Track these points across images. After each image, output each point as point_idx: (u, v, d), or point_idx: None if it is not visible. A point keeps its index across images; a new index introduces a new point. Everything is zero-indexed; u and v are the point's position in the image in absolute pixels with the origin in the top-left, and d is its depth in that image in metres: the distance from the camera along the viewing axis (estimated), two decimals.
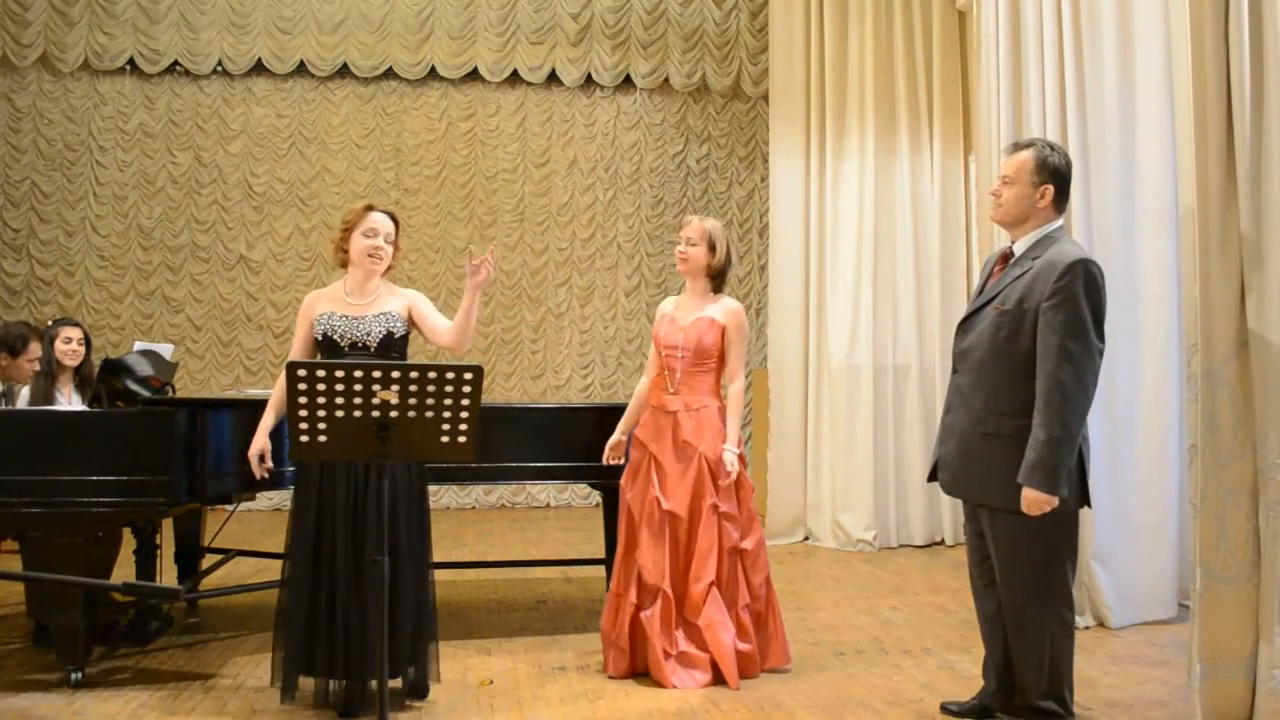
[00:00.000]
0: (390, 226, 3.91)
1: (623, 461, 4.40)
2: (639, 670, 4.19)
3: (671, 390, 4.24)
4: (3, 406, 4.84)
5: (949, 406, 3.57)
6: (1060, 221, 3.47)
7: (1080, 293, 3.23)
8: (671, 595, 4.12)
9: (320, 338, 3.83)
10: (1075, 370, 3.21)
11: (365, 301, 3.87)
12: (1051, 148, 3.46)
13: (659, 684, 4.07)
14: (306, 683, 3.81)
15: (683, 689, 4.04)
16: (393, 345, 3.84)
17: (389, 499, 3.54)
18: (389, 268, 3.96)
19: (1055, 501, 3.22)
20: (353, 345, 3.80)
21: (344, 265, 3.94)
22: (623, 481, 4.32)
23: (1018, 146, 3.51)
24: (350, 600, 3.66)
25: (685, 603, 4.15)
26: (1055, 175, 3.41)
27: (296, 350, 3.92)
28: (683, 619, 4.15)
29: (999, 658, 3.57)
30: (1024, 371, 3.30)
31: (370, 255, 3.84)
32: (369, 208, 3.92)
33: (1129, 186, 5.15)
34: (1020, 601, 3.39)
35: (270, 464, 3.89)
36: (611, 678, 4.17)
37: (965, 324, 3.55)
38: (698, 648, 4.14)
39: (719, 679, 4.11)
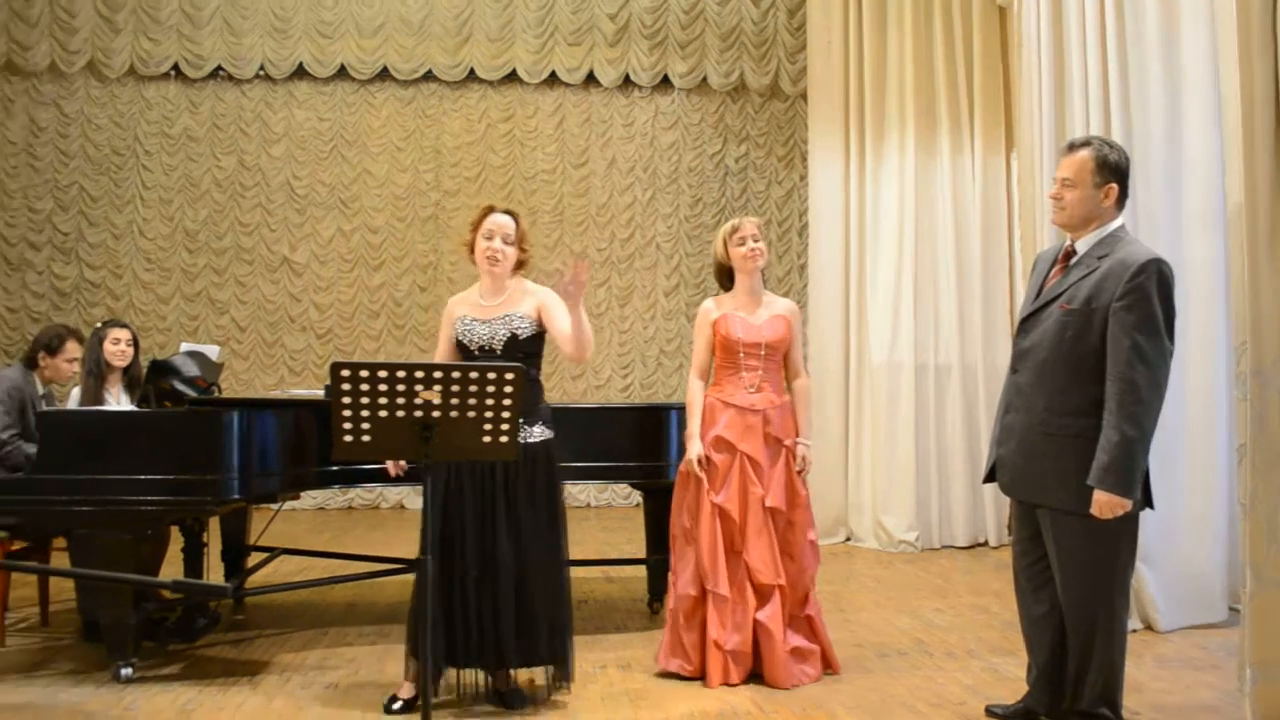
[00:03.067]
0: (510, 227, 3.88)
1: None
2: (753, 674, 4.16)
3: (754, 389, 4.23)
4: (44, 408, 4.91)
5: (1008, 406, 3.51)
6: (1121, 219, 3.40)
7: (1153, 293, 3.17)
8: (786, 590, 4.14)
9: (457, 342, 3.88)
10: (1149, 371, 3.15)
11: (496, 303, 3.89)
12: (1109, 145, 3.40)
13: (776, 685, 4.04)
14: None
15: (799, 686, 4.06)
16: (518, 347, 3.83)
17: (520, 492, 3.74)
18: (520, 264, 3.94)
19: (1129, 505, 3.17)
20: (480, 349, 3.82)
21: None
22: (708, 486, 4.18)
23: (1074, 146, 3.43)
24: (482, 591, 3.70)
25: (790, 596, 4.18)
26: (1116, 173, 3.35)
27: (439, 355, 3.96)
28: (789, 613, 4.18)
29: (1045, 661, 3.52)
30: (1090, 372, 3.25)
31: (489, 258, 3.85)
32: (489, 209, 3.91)
33: (1175, 182, 5.07)
34: (1081, 605, 3.33)
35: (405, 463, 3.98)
36: (734, 686, 4.06)
37: (1026, 323, 3.48)
38: (806, 639, 4.19)
39: (820, 672, 4.20)
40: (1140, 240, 3.54)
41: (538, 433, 3.84)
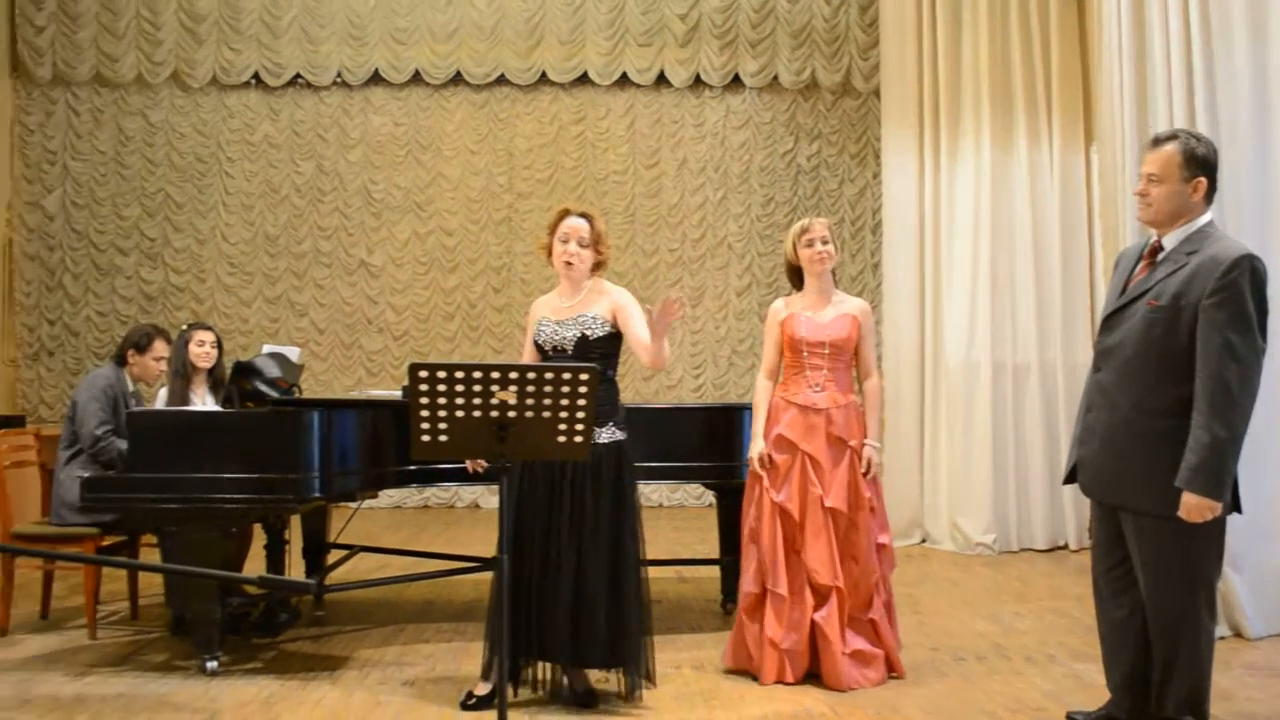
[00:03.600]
0: (585, 229, 3.90)
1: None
2: (811, 674, 4.16)
3: (818, 388, 4.22)
4: (135, 407, 5.06)
5: (1089, 405, 3.42)
6: (1210, 214, 3.30)
7: (1246, 289, 3.08)
8: (845, 592, 4.12)
9: (535, 343, 3.94)
10: (1240, 370, 3.06)
11: (571, 304, 3.93)
12: (1196, 138, 3.30)
13: (833, 687, 4.03)
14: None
15: (857, 689, 4.02)
16: (589, 347, 3.85)
17: (587, 491, 3.76)
18: (599, 265, 3.97)
19: (1219, 508, 3.08)
20: (554, 349, 3.87)
21: None
22: (766, 484, 4.22)
23: (1159, 140, 3.34)
24: (557, 591, 3.74)
25: (850, 599, 4.15)
26: (1205, 166, 3.25)
27: (525, 356, 4.02)
28: (849, 615, 4.15)
29: (1128, 667, 3.43)
30: (1177, 370, 3.16)
31: (565, 262, 3.89)
32: (564, 212, 3.95)
33: (1265, 178, 4.92)
34: (1167, 610, 3.24)
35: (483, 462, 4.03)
36: (790, 684, 4.08)
37: (1110, 320, 3.40)
38: (869, 643, 4.15)
39: (884, 675, 4.15)
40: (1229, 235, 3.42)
41: (608, 434, 3.86)
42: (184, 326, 5.29)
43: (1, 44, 9.05)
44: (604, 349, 3.90)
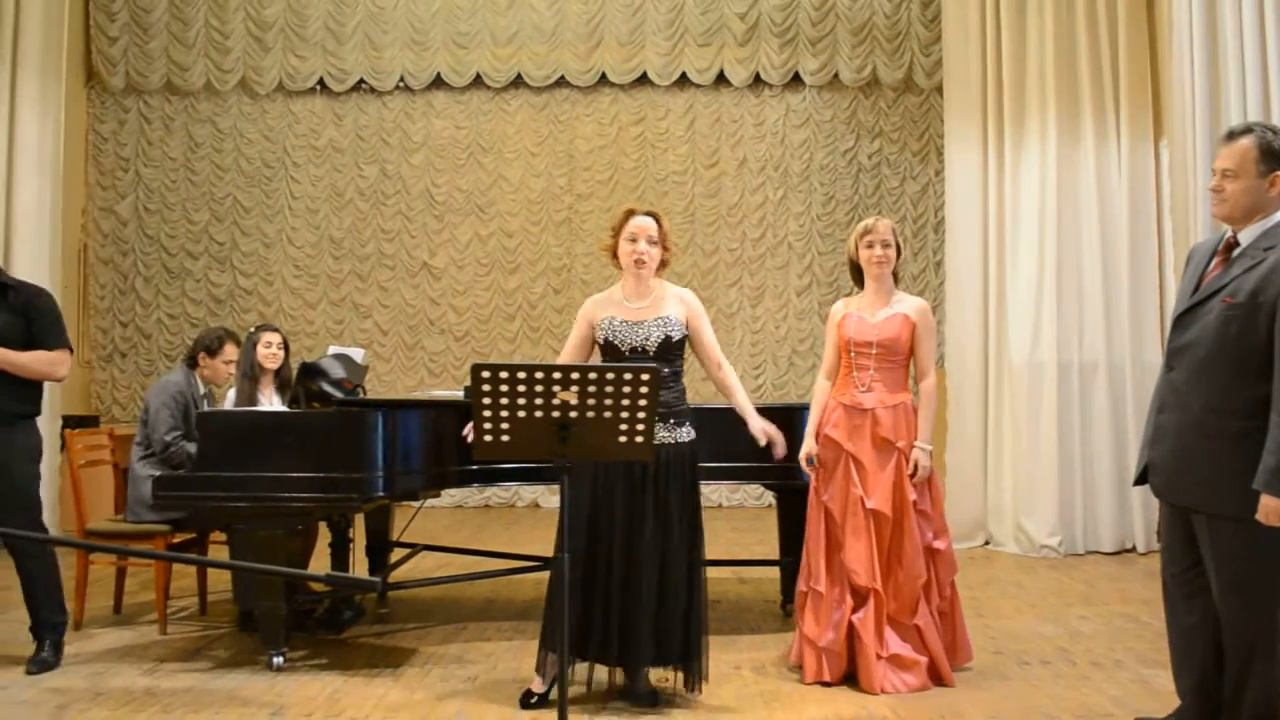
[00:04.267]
0: (652, 228, 3.92)
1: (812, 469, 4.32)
2: (849, 675, 4.13)
3: (864, 388, 4.19)
4: (206, 408, 5.16)
5: (1161, 405, 3.34)
6: None
7: None
8: (883, 595, 4.08)
9: (603, 343, 3.94)
10: None
11: (643, 305, 3.94)
12: (1273, 130, 3.20)
13: (866, 689, 3.99)
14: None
15: (892, 693, 3.98)
16: (670, 349, 3.90)
17: (671, 490, 3.80)
18: (663, 264, 4.00)
19: None
20: (633, 350, 3.88)
21: (620, 269, 4.02)
22: (816, 483, 4.25)
23: (1233, 134, 3.25)
24: (626, 590, 3.76)
25: (893, 602, 4.10)
26: None
27: (567, 353, 4.04)
28: (889, 619, 4.10)
29: (1197, 673, 3.34)
30: (1254, 370, 3.07)
31: (636, 261, 3.90)
32: (630, 212, 3.97)
33: None
34: (1241, 617, 3.15)
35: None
36: (827, 684, 4.08)
37: (1184, 318, 3.31)
38: (914, 649, 4.09)
39: (925, 682, 4.07)
40: None
41: (685, 433, 3.90)
42: (251, 329, 5.38)
43: (76, 54, 9.29)
44: (681, 351, 3.95)
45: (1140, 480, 3.47)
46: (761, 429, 4.01)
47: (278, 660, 4.32)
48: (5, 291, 4.32)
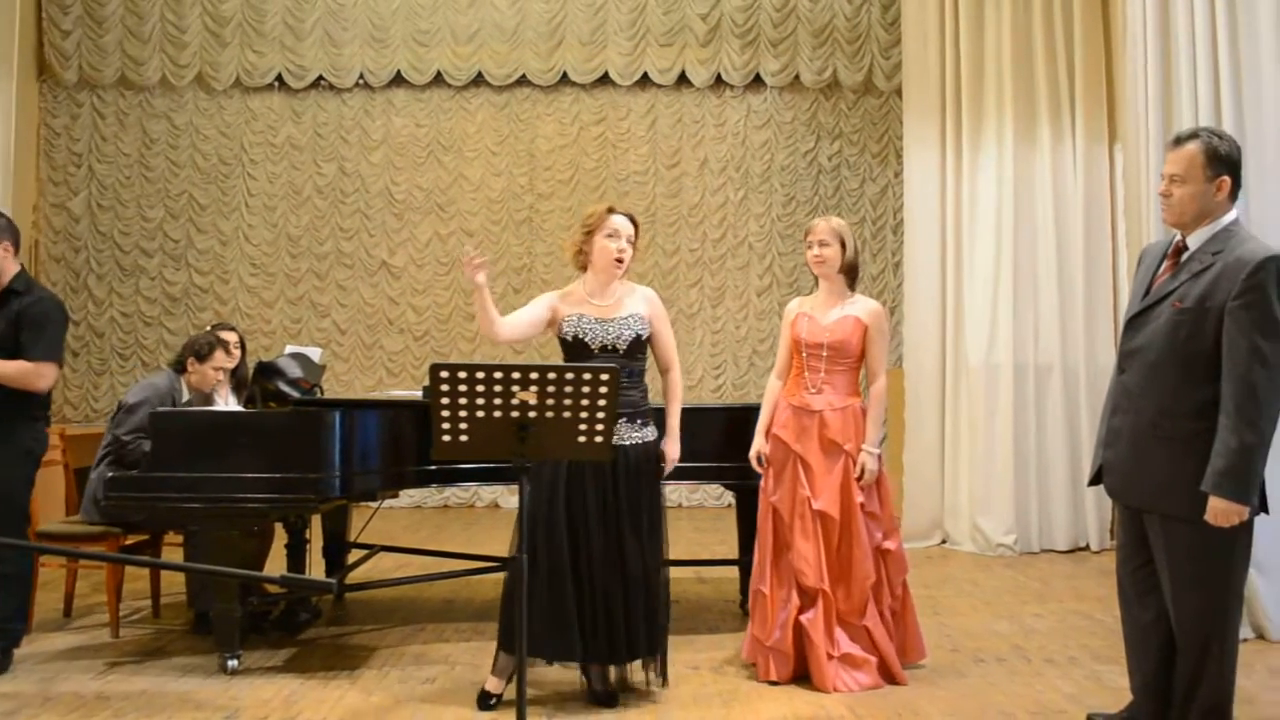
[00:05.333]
0: (630, 228, 3.93)
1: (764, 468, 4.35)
2: (799, 674, 4.15)
3: (814, 389, 4.21)
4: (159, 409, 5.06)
5: (1114, 408, 3.40)
6: (1235, 213, 3.26)
7: (1273, 291, 3.04)
8: (831, 595, 4.10)
9: (570, 339, 3.91)
10: (1268, 373, 3.03)
11: (610, 303, 3.94)
12: (1218, 136, 3.25)
13: (820, 688, 4.02)
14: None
15: (845, 692, 4.00)
16: (639, 348, 3.91)
17: (640, 489, 3.81)
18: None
19: (1245, 512, 3.05)
20: (603, 348, 3.86)
21: (583, 268, 3.99)
22: (765, 483, 4.28)
23: (1180, 140, 3.29)
24: (590, 588, 3.76)
25: (843, 603, 4.13)
26: (1228, 164, 3.21)
27: (513, 317, 3.93)
28: (839, 619, 4.12)
29: (1150, 669, 3.40)
30: (1203, 373, 3.13)
31: (617, 260, 3.89)
32: (610, 210, 3.96)
33: None
34: (1193, 614, 3.20)
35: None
36: (775, 683, 4.10)
37: (1135, 322, 3.36)
38: (863, 649, 4.11)
39: (878, 681, 4.10)
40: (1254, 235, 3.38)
41: (649, 433, 3.92)
42: (207, 328, 5.31)
43: (28, 47, 9.12)
44: (645, 350, 3.96)
45: (1094, 481, 3.52)
46: (673, 457, 3.96)
47: (232, 663, 4.27)
48: (9, 298, 4.24)
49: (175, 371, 5.12)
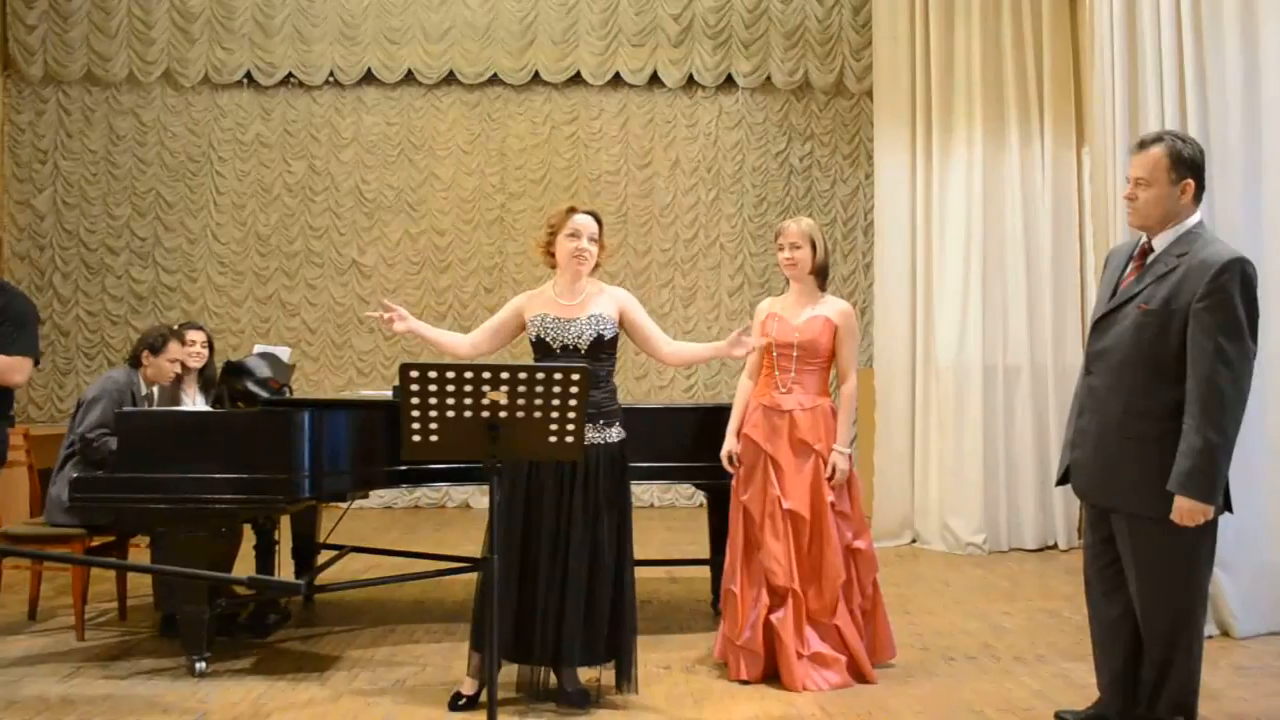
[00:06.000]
0: (594, 227, 3.92)
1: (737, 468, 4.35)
2: (770, 673, 4.15)
3: (784, 389, 4.22)
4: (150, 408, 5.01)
5: (1081, 409, 3.43)
6: (1200, 215, 3.30)
7: (1236, 293, 3.09)
8: (801, 595, 4.11)
9: (534, 339, 3.91)
10: (1232, 374, 3.07)
11: (575, 302, 3.92)
12: (1181, 139, 3.30)
13: (788, 687, 4.02)
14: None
15: (815, 691, 4.00)
16: (603, 348, 3.88)
17: (600, 490, 3.79)
18: (596, 265, 3.99)
19: (1210, 512, 3.09)
20: (564, 348, 3.85)
21: (553, 267, 3.99)
22: (736, 482, 4.29)
23: (1145, 143, 3.33)
24: (554, 589, 3.75)
25: (813, 603, 4.13)
26: (1192, 168, 3.25)
27: (483, 329, 4.07)
28: (809, 618, 4.13)
29: (1117, 666, 3.44)
30: (1169, 374, 3.17)
31: (575, 257, 3.88)
32: (571, 210, 3.95)
33: (1255, 178, 4.94)
34: (1159, 612, 3.25)
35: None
36: (746, 683, 4.11)
37: (1101, 323, 3.40)
38: (833, 647, 4.12)
39: (847, 680, 4.11)
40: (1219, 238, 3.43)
41: (616, 434, 3.90)
42: (175, 326, 5.26)
43: None
44: (613, 350, 3.94)
45: (1062, 481, 3.56)
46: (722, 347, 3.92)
47: (200, 665, 4.23)
48: None
49: (131, 366, 5.07)
